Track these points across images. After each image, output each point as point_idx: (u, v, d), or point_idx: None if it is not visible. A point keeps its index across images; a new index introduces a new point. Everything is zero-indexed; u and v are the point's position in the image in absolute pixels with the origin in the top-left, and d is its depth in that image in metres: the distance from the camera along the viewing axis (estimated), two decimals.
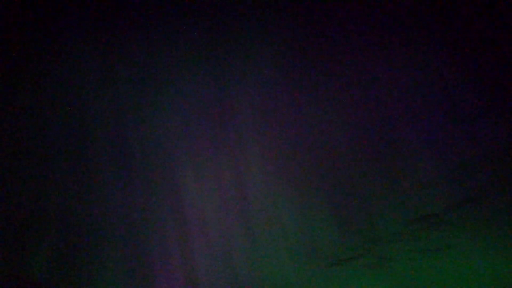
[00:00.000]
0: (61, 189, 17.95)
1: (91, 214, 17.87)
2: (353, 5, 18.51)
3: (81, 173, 18.06)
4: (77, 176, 18.05)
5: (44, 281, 17.64)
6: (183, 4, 18.87)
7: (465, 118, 15.17)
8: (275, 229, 18.81)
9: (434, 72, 16.59)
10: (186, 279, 18.71)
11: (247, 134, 19.67)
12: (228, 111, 19.93)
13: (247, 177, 19.36)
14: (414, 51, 17.02)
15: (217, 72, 19.96)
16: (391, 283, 17.68)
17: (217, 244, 18.85)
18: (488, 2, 15.72)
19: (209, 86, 20.07)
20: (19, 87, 17.97)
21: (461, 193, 15.31)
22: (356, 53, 18.64)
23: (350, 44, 18.86)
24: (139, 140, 18.88)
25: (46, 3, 17.52)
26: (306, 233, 18.59)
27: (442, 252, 16.49)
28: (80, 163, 18.16)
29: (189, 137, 19.59)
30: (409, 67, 17.21)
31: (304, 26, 19.18)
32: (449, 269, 16.72)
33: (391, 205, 16.89)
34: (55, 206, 17.76)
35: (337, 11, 18.74)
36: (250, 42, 19.77)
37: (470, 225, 15.69)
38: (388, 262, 17.33)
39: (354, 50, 18.72)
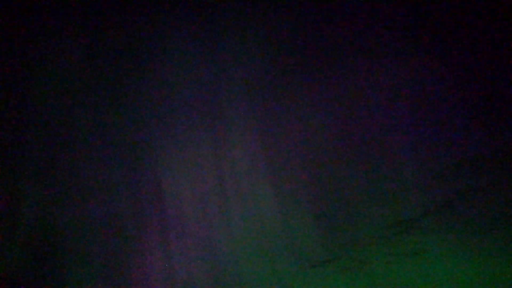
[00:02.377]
0: (36, 183, 17.68)
1: (67, 210, 17.66)
2: (347, 8, 18.60)
3: (57, 165, 17.81)
4: (52, 169, 17.80)
5: (18, 278, 17.38)
6: None
7: (445, 124, 15.41)
8: (255, 228, 18.86)
9: (417, 77, 16.79)
10: (164, 277, 18.63)
11: (231, 131, 19.64)
12: (214, 106, 19.87)
13: (229, 174, 19.35)
14: (396, 54, 17.19)
15: (206, 65, 19.86)
16: (368, 286, 17.88)
17: (197, 243, 18.81)
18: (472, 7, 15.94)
19: (197, 78, 19.96)
20: None
21: (437, 199, 15.58)
22: (345, 56, 18.74)
23: (340, 47, 18.95)
24: (119, 129, 18.69)
25: None
26: (286, 233, 18.68)
27: (418, 256, 16.74)
28: (56, 155, 17.91)
29: (171, 130, 19.48)
30: (392, 71, 17.39)
31: (300, 26, 19.19)
32: (424, 273, 16.99)
33: (371, 209, 17.08)
34: (29, 201, 17.49)
35: (333, 13, 18.79)
36: (243, 38, 19.72)
37: (445, 230, 15.98)
38: (366, 265, 17.52)
39: (343, 53, 18.82)
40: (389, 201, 16.48)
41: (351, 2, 18.51)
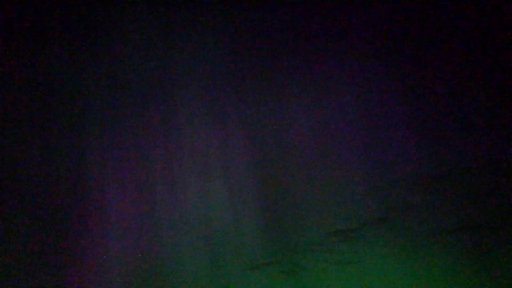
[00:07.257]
0: None
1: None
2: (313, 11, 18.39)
3: None
4: None
5: None
6: None
7: (386, 142, 15.66)
8: (199, 227, 18.67)
9: (371, 88, 16.89)
10: (102, 273, 18.16)
11: (182, 127, 19.22)
12: (168, 99, 19.37)
13: (176, 172, 18.99)
14: (354, 59, 17.21)
15: (161, 58, 19.30)
16: None
17: (138, 240, 18.42)
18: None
19: (150, 72, 19.37)
20: None
21: (375, 213, 15.92)
22: (306, 57, 18.59)
23: (304, 47, 18.79)
24: (60, 121, 17.88)
25: None
26: (230, 234, 18.61)
27: (354, 265, 17.11)
28: None
29: (118, 123, 18.83)
30: (349, 77, 17.40)
31: (263, 26, 18.88)
32: (359, 281, 17.41)
33: (312, 216, 17.26)
34: None
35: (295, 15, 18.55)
36: (202, 32, 19.26)
37: (381, 242, 16.40)
38: (304, 270, 17.75)
39: (306, 53, 18.66)
40: (329, 210, 16.70)
41: (317, 6, 18.34)
